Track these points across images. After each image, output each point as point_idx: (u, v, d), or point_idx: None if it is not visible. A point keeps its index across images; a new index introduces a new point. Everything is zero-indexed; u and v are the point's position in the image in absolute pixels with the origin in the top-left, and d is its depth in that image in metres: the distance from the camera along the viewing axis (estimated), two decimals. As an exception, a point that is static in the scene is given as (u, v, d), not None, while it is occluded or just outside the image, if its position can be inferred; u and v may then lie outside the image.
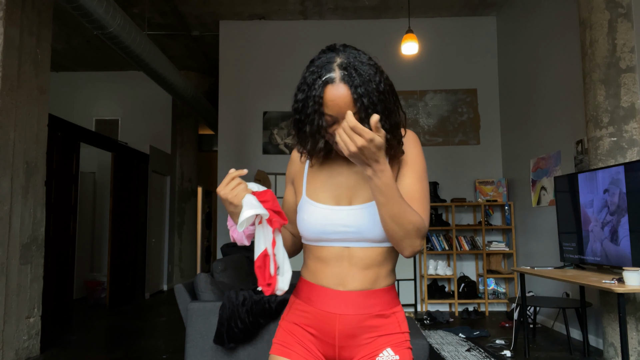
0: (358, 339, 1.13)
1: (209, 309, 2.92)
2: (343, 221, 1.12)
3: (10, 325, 3.69)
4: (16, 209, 3.77)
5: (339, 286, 1.13)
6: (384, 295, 1.15)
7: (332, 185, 1.17)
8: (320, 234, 1.14)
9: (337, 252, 1.14)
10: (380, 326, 1.14)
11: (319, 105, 1.05)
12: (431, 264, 6.02)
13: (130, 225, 6.92)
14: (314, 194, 1.18)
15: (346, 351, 1.14)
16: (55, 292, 5.03)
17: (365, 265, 1.13)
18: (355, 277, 1.13)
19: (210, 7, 6.20)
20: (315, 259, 1.17)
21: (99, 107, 8.41)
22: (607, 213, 3.49)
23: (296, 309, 1.19)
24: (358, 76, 1.04)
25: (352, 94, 1.03)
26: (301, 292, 1.20)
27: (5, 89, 3.63)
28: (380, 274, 1.15)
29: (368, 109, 1.03)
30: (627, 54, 3.63)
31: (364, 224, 1.11)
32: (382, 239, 1.12)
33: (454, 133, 6.44)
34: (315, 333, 1.15)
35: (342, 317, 1.12)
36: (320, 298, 1.14)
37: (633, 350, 3.41)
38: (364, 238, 1.12)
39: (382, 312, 1.14)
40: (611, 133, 3.62)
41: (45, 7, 4.16)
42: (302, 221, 1.17)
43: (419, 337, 2.93)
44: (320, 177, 1.19)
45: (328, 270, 1.14)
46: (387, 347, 1.12)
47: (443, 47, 6.50)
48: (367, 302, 1.13)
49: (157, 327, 5.41)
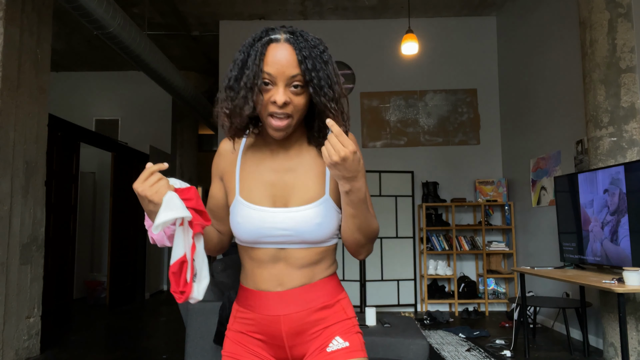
0: (306, 335, 1.10)
1: (209, 309, 2.92)
2: (281, 224, 1.07)
3: (10, 325, 3.69)
4: (16, 209, 3.77)
5: (278, 287, 1.10)
6: (325, 287, 1.12)
7: (266, 184, 1.11)
8: (257, 237, 1.09)
9: (272, 253, 1.10)
10: (326, 317, 1.11)
11: (259, 61, 1.01)
12: (431, 264, 6.02)
13: (130, 225, 6.92)
14: (248, 194, 1.11)
15: (297, 349, 1.11)
16: (55, 292, 5.03)
17: (302, 265, 1.10)
18: (293, 276, 1.10)
19: (210, 7, 6.20)
20: (250, 260, 1.13)
21: (99, 107, 8.41)
22: (607, 213, 3.49)
23: (240, 318, 1.15)
24: (304, 40, 1.03)
25: (296, 55, 1.02)
26: (241, 299, 1.16)
27: (5, 89, 3.62)
28: (319, 269, 1.12)
29: (312, 72, 1.01)
30: (627, 54, 3.63)
31: (303, 227, 1.07)
32: (320, 241, 1.10)
33: (454, 133, 6.44)
34: (263, 338, 1.12)
35: (285, 317, 1.09)
36: (260, 303, 1.11)
37: (633, 350, 3.41)
38: (302, 240, 1.08)
39: (326, 303, 1.11)
40: (611, 133, 3.62)
41: (45, 7, 4.16)
42: (237, 224, 1.10)
43: (419, 337, 2.93)
44: (254, 175, 1.13)
45: (264, 272, 1.10)
46: (335, 335, 1.10)
47: (443, 47, 6.49)
48: (308, 297, 1.10)
49: (157, 327, 5.41)
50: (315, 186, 1.10)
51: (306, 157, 1.13)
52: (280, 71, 1.01)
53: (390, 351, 2.82)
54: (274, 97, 1.02)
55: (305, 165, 1.12)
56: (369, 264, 5.90)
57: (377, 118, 6.46)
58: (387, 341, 2.85)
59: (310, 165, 1.12)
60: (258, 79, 1.01)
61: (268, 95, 1.03)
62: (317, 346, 1.10)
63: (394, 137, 6.44)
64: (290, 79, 1.02)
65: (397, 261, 6.01)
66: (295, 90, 1.03)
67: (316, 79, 1.02)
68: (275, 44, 1.03)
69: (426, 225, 6.03)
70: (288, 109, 1.03)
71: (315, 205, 1.08)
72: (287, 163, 1.12)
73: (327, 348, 1.09)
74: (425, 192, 6.16)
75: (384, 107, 6.48)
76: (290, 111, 1.03)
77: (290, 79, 1.02)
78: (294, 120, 1.05)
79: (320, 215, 1.08)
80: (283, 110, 1.02)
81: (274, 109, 1.02)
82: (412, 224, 6.12)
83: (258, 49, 1.02)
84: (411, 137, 6.45)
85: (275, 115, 1.03)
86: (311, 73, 1.01)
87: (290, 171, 1.12)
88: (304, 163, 1.12)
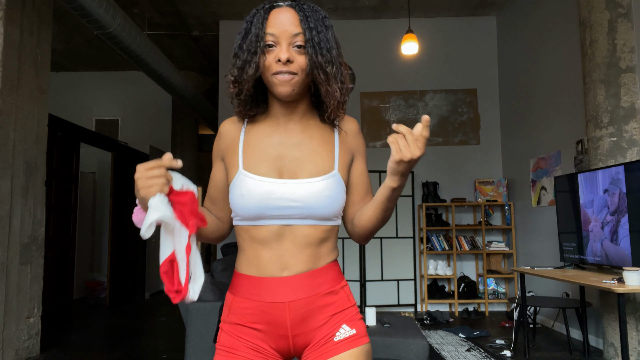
0: (311, 323, 1.07)
1: (209, 309, 2.92)
2: (288, 195, 1.04)
3: (10, 325, 3.69)
4: (16, 209, 3.77)
5: (283, 271, 1.06)
6: (330, 272, 1.10)
7: (272, 157, 1.09)
8: (261, 211, 1.05)
9: (276, 230, 1.06)
10: (332, 303, 1.09)
11: (262, 25, 1.05)
12: (431, 264, 6.02)
13: (130, 225, 6.92)
14: (253, 166, 1.08)
15: (300, 339, 1.08)
16: (55, 292, 5.03)
17: (308, 243, 1.07)
18: (298, 257, 1.06)
19: (210, 7, 6.20)
20: (251, 240, 1.08)
21: (99, 107, 8.41)
22: (607, 213, 3.49)
23: (237, 308, 1.09)
24: (307, 6, 1.07)
25: (299, 16, 1.05)
26: (240, 288, 1.10)
27: (5, 89, 3.63)
28: (323, 251, 1.10)
29: (312, 32, 1.04)
30: (627, 54, 3.63)
31: (312, 200, 1.05)
32: (328, 217, 1.08)
33: (454, 133, 6.44)
34: (264, 328, 1.07)
35: (292, 304, 1.05)
36: (263, 290, 1.06)
37: (633, 350, 3.41)
38: (309, 215, 1.06)
39: (331, 288, 1.09)
40: (611, 133, 3.62)
41: (45, 7, 4.16)
42: (240, 197, 1.06)
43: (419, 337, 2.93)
44: (258, 148, 1.10)
45: (268, 253, 1.06)
46: (342, 323, 1.08)
47: (443, 47, 6.49)
48: (315, 282, 1.07)
49: (157, 327, 5.41)
50: (325, 160, 1.10)
51: (314, 132, 1.13)
52: (282, 30, 1.04)
53: (390, 351, 2.82)
54: (278, 55, 1.03)
55: (313, 140, 1.12)
56: (369, 264, 5.90)
57: (377, 118, 6.46)
58: (387, 341, 2.85)
59: (318, 140, 1.12)
60: (261, 40, 1.04)
61: (272, 56, 1.04)
62: (323, 335, 1.08)
63: (394, 137, 6.43)
64: (292, 37, 1.04)
65: (397, 261, 6.01)
66: (298, 50, 1.04)
67: (316, 37, 1.04)
68: (277, 9, 1.07)
69: (426, 225, 6.03)
70: (292, 67, 1.03)
71: (326, 177, 1.08)
72: (294, 137, 1.11)
73: (334, 337, 1.07)
74: (425, 192, 6.16)
75: (384, 107, 6.48)
76: (294, 69, 1.04)
77: (292, 38, 1.04)
78: (299, 77, 1.05)
79: (330, 189, 1.07)
80: (287, 68, 1.03)
81: (278, 67, 1.03)
82: (412, 224, 6.12)
83: (261, 14, 1.06)
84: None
85: (280, 73, 1.04)
86: (312, 32, 1.04)
87: (298, 145, 1.10)
88: (312, 138, 1.12)
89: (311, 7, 1.07)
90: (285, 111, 1.12)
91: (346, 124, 1.17)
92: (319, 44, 1.04)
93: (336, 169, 1.10)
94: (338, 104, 1.09)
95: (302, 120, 1.13)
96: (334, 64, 1.06)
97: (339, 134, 1.15)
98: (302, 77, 1.05)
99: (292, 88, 1.04)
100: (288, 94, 1.05)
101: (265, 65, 1.05)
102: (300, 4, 1.07)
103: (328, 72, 1.05)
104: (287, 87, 1.04)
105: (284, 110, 1.12)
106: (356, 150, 1.17)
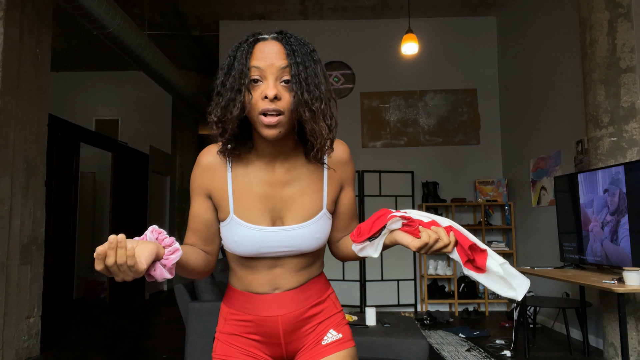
0: (301, 331, 1.14)
1: (209, 309, 2.92)
2: (282, 243, 1.08)
3: (10, 325, 3.69)
4: (16, 209, 3.77)
5: (274, 290, 1.12)
6: (316, 284, 1.16)
7: (262, 199, 1.07)
8: (256, 254, 1.08)
9: (268, 262, 1.10)
10: (320, 312, 1.16)
11: (246, 59, 0.98)
12: (431, 264, 6.02)
13: (131, 226, 6.92)
14: (244, 213, 1.06)
15: (292, 345, 1.15)
16: (55, 292, 5.03)
17: (298, 269, 1.12)
18: (289, 279, 1.12)
19: (210, 7, 6.20)
20: (243, 267, 1.12)
21: (99, 107, 8.41)
22: (607, 213, 3.49)
23: (233, 320, 1.15)
24: (293, 38, 1.02)
25: (285, 49, 0.99)
26: (234, 301, 1.15)
27: (5, 89, 3.62)
28: (312, 270, 1.16)
29: (299, 66, 0.98)
30: (627, 54, 3.63)
31: (302, 243, 1.09)
32: (316, 248, 1.12)
33: (454, 133, 6.44)
34: (260, 338, 1.14)
35: (283, 317, 1.11)
36: (257, 305, 1.12)
37: (633, 350, 3.41)
38: (300, 252, 1.10)
39: (318, 299, 1.16)
40: (611, 133, 3.62)
41: (45, 7, 4.16)
42: (234, 243, 1.07)
43: (419, 337, 2.93)
44: (247, 190, 1.07)
45: (260, 277, 1.11)
46: (329, 328, 1.16)
47: (443, 47, 6.49)
48: (303, 296, 1.13)
49: (157, 327, 5.41)
50: (314, 201, 1.10)
51: (302, 171, 1.10)
52: (269, 63, 0.98)
53: (390, 351, 2.83)
54: (264, 91, 0.97)
55: (302, 180, 1.10)
56: (369, 264, 5.90)
57: (377, 118, 6.45)
58: (387, 341, 2.85)
59: (307, 179, 1.11)
60: (245, 77, 0.98)
61: (258, 92, 0.98)
62: (312, 340, 1.15)
63: (394, 137, 6.44)
64: (280, 71, 0.98)
65: (397, 261, 6.01)
66: (285, 85, 0.98)
67: (303, 73, 0.98)
68: (262, 42, 1.01)
69: (426, 225, 6.02)
70: (279, 104, 0.97)
71: (315, 221, 1.09)
72: (282, 177, 1.09)
73: (322, 341, 1.14)
74: (425, 192, 6.16)
75: (384, 107, 6.48)
76: (281, 107, 0.97)
77: (280, 72, 0.98)
78: (285, 117, 0.98)
79: (320, 230, 1.10)
80: (274, 106, 0.97)
81: (265, 105, 0.97)
82: (412, 224, 6.11)
83: (244, 49, 1.00)
84: (411, 137, 6.45)
85: (266, 113, 0.97)
86: (299, 67, 0.98)
87: (286, 185, 1.09)
88: (300, 177, 1.10)
89: (298, 41, 1.01)
90: (272, 150, 1.07)
91: (336, 152, 1.12)
92: (306, 80, 0.98)
93: (325, 208, 1.11)
94: (324, 142, 1.03)
95: (289, 159, 1.09)
96: (322, 100, 1.00)
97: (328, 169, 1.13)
98: (289, 117, 0.99)
99: (278, 130, 0.99)
100: (274, 136, 0.99)
101: (251, 103, 0.98)
102: (287, 37, 1.01)
103: (314, 110, 0.98)
104: (273, 130, 0.98)
105: (270, 149, 1.07)
106: (345, 181, 1.16)
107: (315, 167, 1.11)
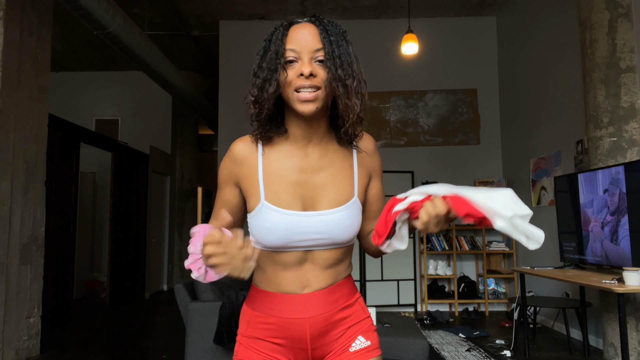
0: (329, 336, 1.10)
1: (209, 309, 2.92)
2: (312, 228, 1.05)
3: (10, 325, 3.69)
4: (16, 209, 3.77)
5: (304, 289, 1.08)
6: (345, 286, 1.13)
7: (293, 185, 1.07)
8: (286, 242, 1.05)
9: (298, 256, 1.07)
10: (348, 316, 1.12)
11: (282, 42, 1.02)
12: (431, 264, 6.02)
13: (130, 225, 6.92)
14: (275, 197, 1.05)
15: (319, 351, 1.11)
16: (55, 292, 5.03)
17: (327, 265, 1.09)
18: (319, 277, 1.09)
19: (210, 7, 6.20)
20: (272, 263, 1.08)
21: (99, 107, 8.41)
22: (607, 213, 3.49)
23: (257, 322, 1.11)
24: (326, 21, 1.06)
25: (319, 30, 1.04)
26: (259, 303, 1.11)
27: (5, 89, 3.63)
28: (341, 269, 1.13)
29: (333, 45, 1.02)
30: (627, 54, 3.63)
31: (334, 231, 1.06)
32: (347, 241, 1.10)
33: (454, 133, 6.44)
34: (284, 342, 1.09)
35: (312, 320, 1.07)
36: (284, 306, 1.08)
37: (633, 350, 3.41)
38: (332, 242, 1.07)
39: (347, 302, 1.12)
40: (611, 133, 3.62)
41: (45, 7, 4.16)
42: (265, 230, 1.05)
43: (419, 337, 2.93)
44: (279, 175, 1.08)
45: (289, 274, 1.08)
46: (358, 335, 1.12)
47: (443, 47, 6.49)
48: (332, 298, 1.10)
49: (157, 327, 5.41)
50: (345, 188, 1.10)
51: (334, 157, 1.11)
52: (303, 45, 1.02)
53: (390, 351, 2.83)
54: (300, 69, 1.01)
55: (334, 166, 1.10)
56: (369, 264, 5.90)
57: (377, 118, 6.45)
58: (387, 341, 2.85)
59: (338, 166, 1.11)
60: (281, 57, 1.02)
61: (293, 71, 1.02)
62: (340, 346, 1.11)
63: (394, 137, 6.44)
64: (314, 52, 1.02)
65: (397, 261, 6.01)
66: (319, 64, 1.02)
67: (337, 51, 1.02)
68: (297, 25, 1.06)
69: (426, 225, 6.02)
70: (315, 80, 1.01)
71: (346, 207, 1.08)
72: (314, 163, 1.09)
73: (350, 348, 1.11)
74: (425, 192, 6.15)
75: (384, 107, 6.48)
76: (317, 83, 1.01)
77: (314, 52, 1.02)
78: (322, 93, 1.02)
79: (351, 217, 1.08)
80: (310, 82, 1.00)
81: (300, 81, 1.00)
82: (412, 224, 6.11)
83: (280, 32, 1.04)
84: (411, 137, 6.45)
85: (302, 89, 1.01)
86: (332, 45, 1.02)
87: (318, 171, 1.09)
88: (332, 163, 1.10)
89: (331, 22, 1.06)
90: (305, 133, 1.08)
91: (364, 142, 1.15)
92: (340, 57, 1.02)
93: (356, 196, 1.11)
94: (357, 118, 1.06)
95: (321, 144, 1.11)
96: (354, 78, 1.04)
97: (358, 154, 1.14)
98: (325, 92, 1.02)
99: (315, 106, 1.02)
100: (310, 112, 1.02)
101: (286, 81, 1.02)
102: (320, 19, 1.06)
103: (348, 85, 1.02)
104: (309, 105, 1.01)
105: (303, 132, 1.08)
106: (373, 171, 1.17)
107: (346, 154, 1.13)
